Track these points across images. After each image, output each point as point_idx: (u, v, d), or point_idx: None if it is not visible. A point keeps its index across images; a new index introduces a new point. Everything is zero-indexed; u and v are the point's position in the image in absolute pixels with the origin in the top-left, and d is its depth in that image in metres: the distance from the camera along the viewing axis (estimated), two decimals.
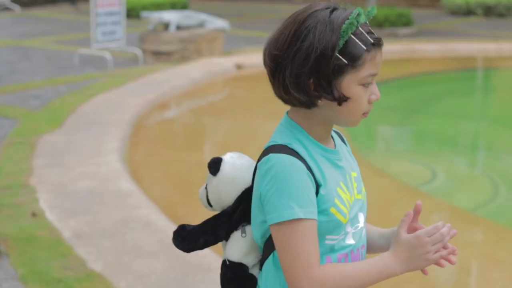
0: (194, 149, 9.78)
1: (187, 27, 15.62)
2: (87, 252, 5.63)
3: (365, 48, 2.10)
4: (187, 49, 15.21)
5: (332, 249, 2.18)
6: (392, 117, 12.24)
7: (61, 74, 13.62)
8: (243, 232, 2.24)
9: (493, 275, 6.17)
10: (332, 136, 2.29)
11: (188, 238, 2.29)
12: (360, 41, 2.10)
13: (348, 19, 2.09)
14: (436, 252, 2.12)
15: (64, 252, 5.65)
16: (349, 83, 2.11)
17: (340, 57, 2.08)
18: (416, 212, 2.28)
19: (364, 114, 2.18)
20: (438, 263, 2.18)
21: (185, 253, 2.37)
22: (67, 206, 6.65)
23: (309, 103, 2.13)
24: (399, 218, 2.53)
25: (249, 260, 2.24)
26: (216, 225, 2.26)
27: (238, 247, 2.23)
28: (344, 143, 2.40)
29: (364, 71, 2.12)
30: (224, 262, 2.26)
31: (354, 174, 2.30)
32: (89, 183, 7.30)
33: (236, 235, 2.25)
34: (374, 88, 2.18)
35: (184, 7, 23.44)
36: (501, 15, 25.69)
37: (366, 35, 2.11)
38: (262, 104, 11.41)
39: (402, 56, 17.12)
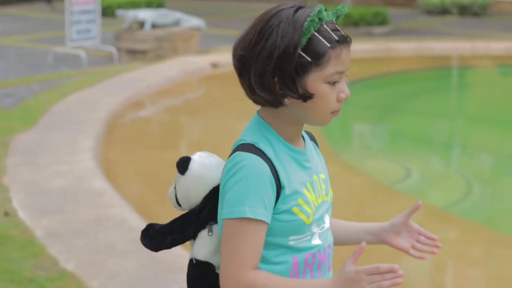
0: (169, 147, 9.74)
1: (163, 26, 15.57)
2: (59, 252, 5.60)
3: (328, 45, 2.09)
4: (163, 47, 15.17)
5: (297, 249, 2.18)
6: (367, 116, 12.27)
7: (35, 72, 13.53)
8: (210, 231, 2.23)
9: (467, 273, 6.20)
10: (302, 136, 2.29)
11: (156, 237, 2.28)
12: (324, 38, 2.09)
13: (309, 16, 2.09)
14: None
15: (36, 251, 5.61)
16: (314, 81, 2.10)
17: (303, 54, 2.08)
18: (414, 209, 2.35)
19: (334, 112, 2.16)
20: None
21: (158, 253, 2.36)
22: (40, 205, 6.61)
23: (275, 102, 2.13)
24: (374, 217, 2.55)
25: (216, 260, 2.22)
26: (184, 224, 2.25)
27: (205, 246, 2.22)
28: (316, 143, 2.40)
29: (329, 69, 2.10)
30: (191, 261, 2.26)
31: (322, 175, 2.30)
32: (62, 182, 7.25)
33: (203, 234, 2.23)
34: (342, 86, 2.15)
35: (160, 5, 23.36)
36: (476, 14, 25.83)
37: (331, 32, 2.10)
38: (238, 103, 11.34)
39: (377, 55, 17.17)
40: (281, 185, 2.12)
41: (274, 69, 2.09)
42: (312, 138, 2.38)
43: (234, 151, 2.15)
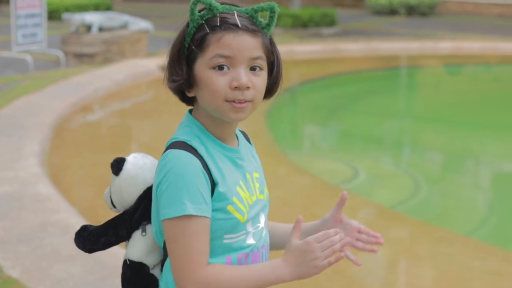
0: (117, 151, 9.61)
1: (110, 29, 15.46)
2: (3, 258, 5.51)
3: (207, 30, 2.12)
4: (110, 50, 15.06)
5: (231, 249, 2.16)
6: (316, 116, 12.31)
7: None
8: (143, 231, 2.21)
9: (414, 270, 6.24)
10: (236, 135, 2.29)
11: (90, 238, 2.27)
12: (207, 25, 2.12)
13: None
14: (325, 258, 2.06)
15: None
16: (199, 67, 2.14)
17: (190, 43, 2.14)
18: (342, 202, 2.39)
19: (231, 102, 2.12)
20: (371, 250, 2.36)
21: (104, 257, 2.35)
22: None
23: (177, 94, 2.23)
24: (321, 217, 2.53)
25: (150, 260, 2.21)
26: (117, 225, 2.24)
27: (139, 246, 2.20)
28: (250, 143, 2.39)
29: (209, 53, 2.12)
30: (125, 261, 2.24)
31: (256, 174, 2.29)
32: (7, 188, 7.15)
33: (137, 235, 2.22)
34: (236, 73, 2.12)
35: (108, 8, 23.22)
36: (423, 14, 26.11)
37: (218, 20, 2.12)
38: (187, 106, 11.33)
39: (326, 55, 17.25)
40: (215, 181, 2.11)
41: (171, 59, 2.19)
42: (246, 137, 2.39)
43: (166, 149, 2.14)
